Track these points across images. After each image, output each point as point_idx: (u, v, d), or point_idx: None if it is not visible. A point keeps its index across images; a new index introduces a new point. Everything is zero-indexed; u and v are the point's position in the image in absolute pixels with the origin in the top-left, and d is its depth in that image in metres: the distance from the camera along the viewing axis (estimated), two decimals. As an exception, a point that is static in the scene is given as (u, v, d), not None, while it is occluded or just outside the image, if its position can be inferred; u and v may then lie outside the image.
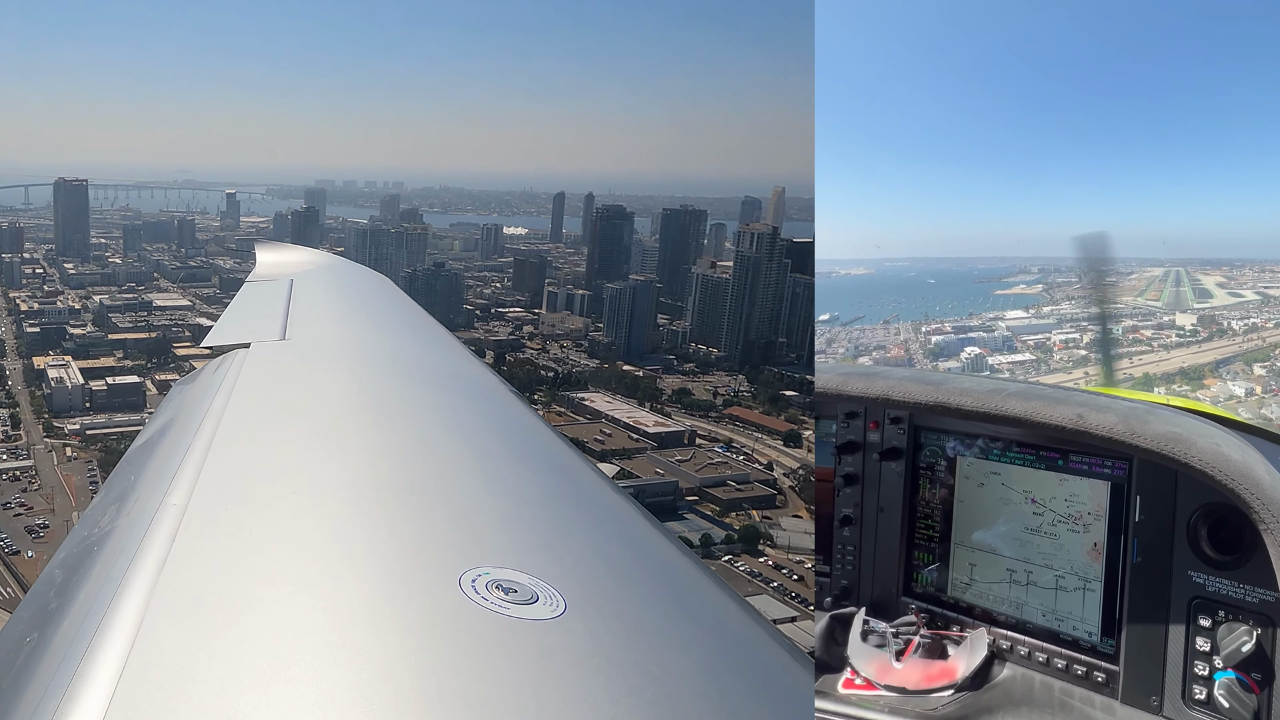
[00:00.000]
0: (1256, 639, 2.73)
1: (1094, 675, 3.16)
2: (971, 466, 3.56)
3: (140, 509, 2.15)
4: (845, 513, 3.90)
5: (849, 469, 3.90)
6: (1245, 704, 2.72)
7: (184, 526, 1.95)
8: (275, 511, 2.13)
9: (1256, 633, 2.74)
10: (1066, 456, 3.27)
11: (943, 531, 3.65)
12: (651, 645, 1.82)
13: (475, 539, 2.17)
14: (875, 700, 3.27)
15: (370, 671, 1.49)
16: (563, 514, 2.58)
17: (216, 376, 3.52)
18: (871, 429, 3.84)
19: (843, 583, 3.90)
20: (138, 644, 1.50)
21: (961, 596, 3.59)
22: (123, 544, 1.94)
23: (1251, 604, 2.78)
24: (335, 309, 5.85)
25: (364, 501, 2.27)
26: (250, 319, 5.01)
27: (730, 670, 1.89)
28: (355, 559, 1.91)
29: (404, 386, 3.79)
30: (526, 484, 2.79)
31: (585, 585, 1.97)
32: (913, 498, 3.75)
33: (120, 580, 1.72)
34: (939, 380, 3.29)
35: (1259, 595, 2.76)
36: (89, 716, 1.34)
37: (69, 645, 1.54)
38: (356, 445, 2.77)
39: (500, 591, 1.76)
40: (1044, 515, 3.34)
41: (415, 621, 1.67)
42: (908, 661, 3.38)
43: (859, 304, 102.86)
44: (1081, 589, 3.23)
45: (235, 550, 1.91)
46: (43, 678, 1.49)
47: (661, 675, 1.69)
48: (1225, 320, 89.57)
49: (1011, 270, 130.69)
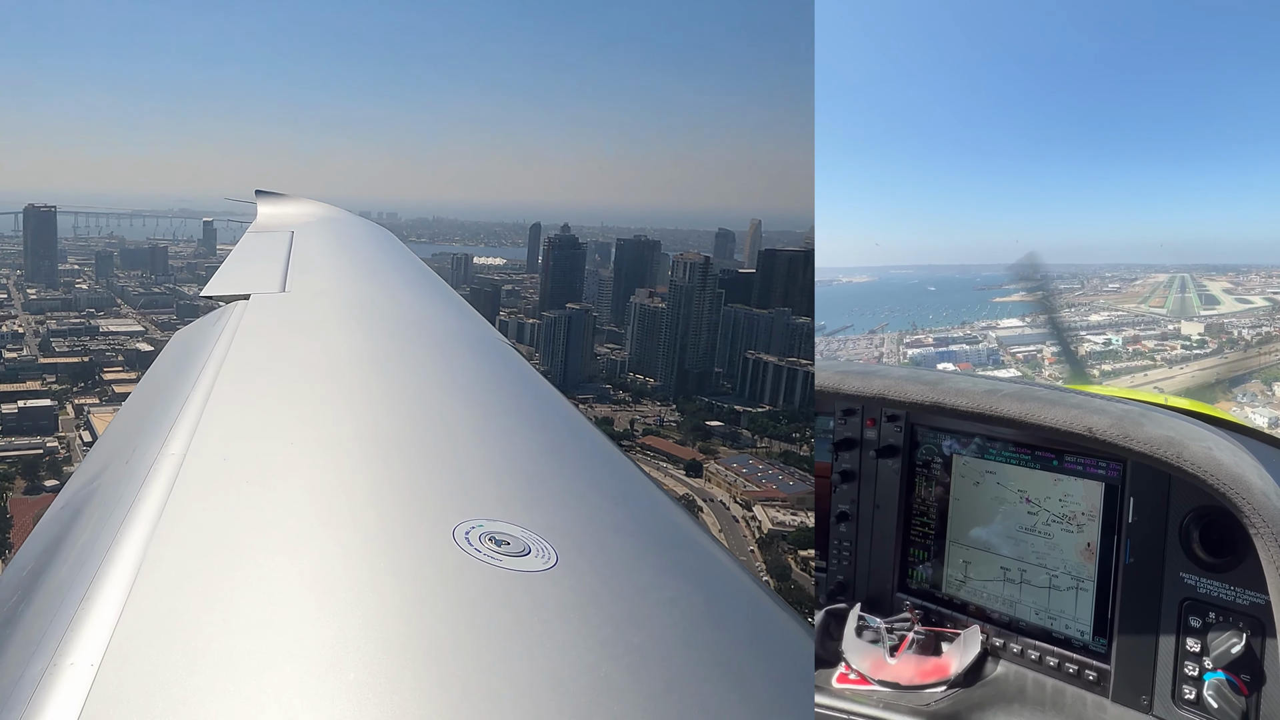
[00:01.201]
0: (1246, 641, 2.78)
1: (1085, 674, 3.21)
2: (967, 465, 3.61)
3: (139, 458, 2.18)
4: (841, 509, 3.97)
5: (846, 465, 3.96)
6: (1234, 705, 2.77)
7: (181, 476, 1.99)
8: (272, 461, 2.16)
9: (1246, 635, 2.79)
10: (1062, 457, 3.31)
11: (938, 529, 3.71)
12: (643, 599, 1.86)
13: (470, 492, 2.20)
14: (869, 695, 3.32)
15: (362, 619, 1.52)
16: (557, 469, 2.61)
17: (216, 328, 3.53)
18: (868, 426, 3.89)
19: (838, 578, 3.97)
20: (135, 591, 1.51)
21: (956, 594, 3.65)
22: (121, 492, 1.97)
23: (1242, 606, 2.83)
24: (336, 261, 5.85)
25: (360, 452, 2.31)
26: (250, 270, 5.01)
27: (721, 625, 1.91)
28: (350, 508, 1.95)
29: (403, 340, 3.82)
30: (522, 438, 2.82)
31: (578, 539, 2.00)
32: (909, 495, 3.81)
33: (119, 526, 1.75)
34: (935, 380, 3.35)
35: (1249, 598, 2.80)
36: (87, 663, 1.34)
37: (66, 592, 1.55)
38: (354, 397, 2.80)
39: (493, 544, 1.80)
40: (1038, 515, 3.39)
41: (408, 571, 1.71)
42: (901, 657, 3.44)
43: (854, 312, 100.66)
44: (1075, 589, 3.28)
45: (233, 499, 1.93)
46: (40, 624, 1.49)
47: (652, 627, 1.72)
48: (1235, 329, 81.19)
49: (1011, 278, 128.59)
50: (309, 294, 4.45)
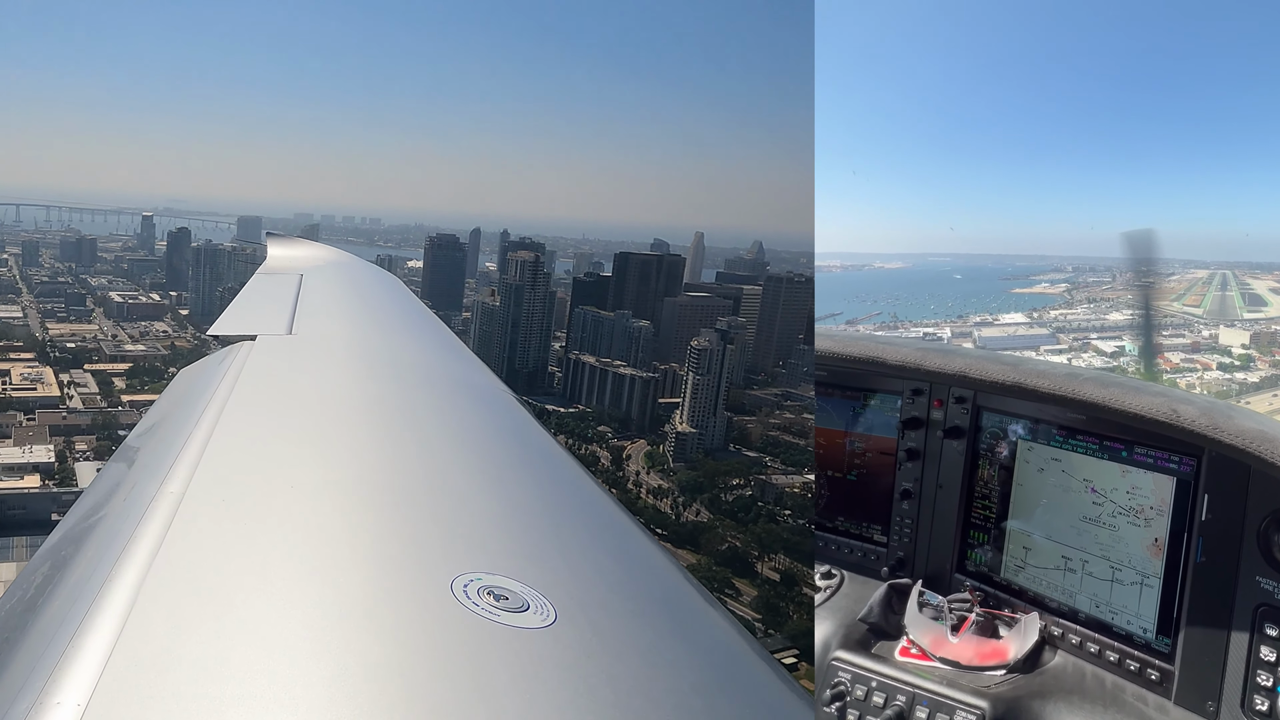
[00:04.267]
0: None
1: (1147, 673, 3.17)
2: (1032, 451, 3.63)
3: (136, 495, 2.20)
4: (906, 486, 4.05)
5: (911, 444, 4.03)
6: None
7: (179, 515, 1.98)
8: (272, 506, 2.18)
9: None
10: (1131, 448, 3.26)
11: (999, 513, 3.76)
12: (641, 659, 1.88)
13: (470, 544, 2.22)
14: (931, 670, 3.43)
15: (358, 671, 1.53)
16: (558, 523, 2.65)
17: (221, 367, 3.56)
18: (935, 407, 3.95)
19: (899, 554, 4.06)
20: (126, 631, 1.51)
21: (1013, 579, 3.70)
22: (117, 529, 1.97)
23: None
24: (344, 306, 5.90)
25: (361, 500, 2.33)
26: (258, 311, 5.09)
27: (721, 692, 1.93)
28: (349, 557, 1.96)
29: (408, 388, 3.88)
30: (524, 491, 2.87)
31: (577, 596, 2.01)
32: (971, 477, 3.86)
33: (113, 564, 1.75)
34: (1014, 361, 3.45)
35: None
36: (73, 703, 1.33)
37: (56, 629, 1.55)
38: (357, 444, 2.83)
39: (491, 598, 1.81)
40: (1104, 506, 3.37)
41: (405, 623, 1.72)
42: (963, 637, 3.53)
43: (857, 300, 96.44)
44: (1139, 584, 3.25)
45: (230, 542, 1.94)
46: (28, 661, 1.50)
47: (651, 690, 1.75)
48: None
49: (1045, 269, 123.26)
50: (316, 337, 4.43)
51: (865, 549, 4.18)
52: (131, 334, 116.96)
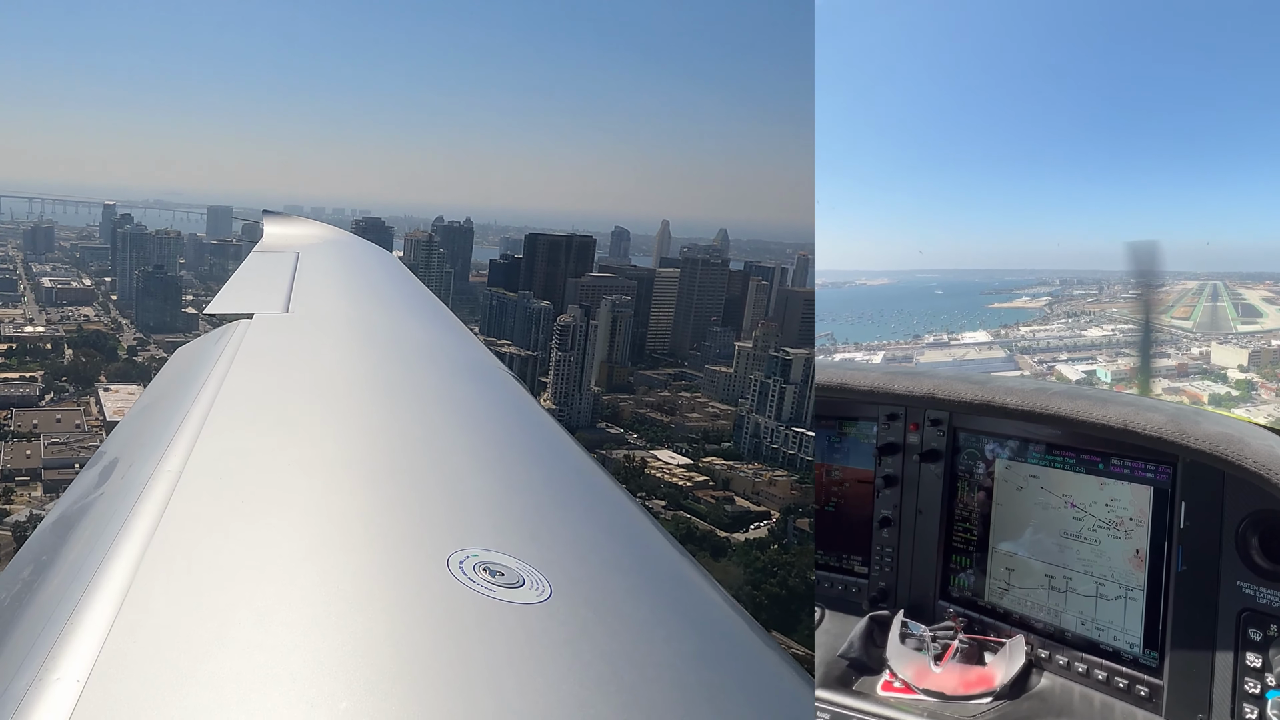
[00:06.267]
0: None
1: (1136, 689, 3.14)
2: (1010, 469, 3.63)
3: (135, 473, 2.22)
4: (884, 514, 4.02)
5: (889, 470, 4.00)
6: None
7: (177, 493, 2.00)
8: (269, 483, 2.20)
9: None
10: (1107, 460, 3.28)
11: (980, 535, 3.74)
12: (635, 635, 1.89)
13: (466, 521, 2.25)
14: (914, 704, 3.37)
15: (355, 646, 1.55)
16: (554, 500, 2.68)
17: (217, 346, 3.56)
18: (911, 430, 3.93)
19: (881, 584, 4.02)
20: (125, 607, 1.53)
21: (998, 602, 3.68)
22: (116, 508, 1.99)
23: None
24: (340, 284, 5.92)
25: (358, 477, 2.37)
26: (254, 290, 5.11)
27: (716, 667, 1.94)
28: (346, 533, 1.98)
29: (404, 365, 3.89)
30: (520, 468, 2.89)
31: (572, 572, 2.04)
32: (951, 501, 3.84)
33: (112, 541, 1.77)
34: (982, 380, 3.42)
35: None
36: (73, 679, 1.34)
37: (55, 606, 1.57)
38: (353, 421, 2.85)
39: (487, 574, 1.82)
40: (1084, 520, 3.37)
41: (402, 598, 1.74)
42: (946, 666, 3.49)
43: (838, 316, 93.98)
44: (1123, 598, 3.24)
45: (228, 519, 1.95)
46: (28, 637, 1.50)
47: (645, 666, 1.76)
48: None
49: (1030, 282, 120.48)
50: (312, 316, 4.46)
51: (847, 581, 4.14)
52: (51, 318, 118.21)
